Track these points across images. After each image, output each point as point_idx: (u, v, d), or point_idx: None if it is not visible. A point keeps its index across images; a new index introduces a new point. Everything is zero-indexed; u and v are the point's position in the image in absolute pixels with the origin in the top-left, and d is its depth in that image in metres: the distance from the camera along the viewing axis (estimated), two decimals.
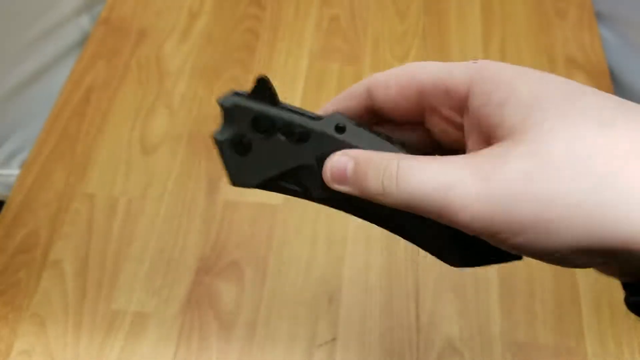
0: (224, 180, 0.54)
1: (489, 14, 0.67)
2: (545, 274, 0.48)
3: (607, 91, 0.15)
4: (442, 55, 0.63)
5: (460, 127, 0.18)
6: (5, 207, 0.53)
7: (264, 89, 0.18)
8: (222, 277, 0.49)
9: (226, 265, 0.49)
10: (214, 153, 0.62)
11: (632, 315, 0.17)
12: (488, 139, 0.16)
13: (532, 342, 0.45)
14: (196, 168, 0.55)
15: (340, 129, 0.18)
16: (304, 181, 0.19)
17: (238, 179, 0.19)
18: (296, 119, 0.18)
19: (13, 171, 0.58)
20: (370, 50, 0.64)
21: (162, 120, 0.59)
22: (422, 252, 0.19)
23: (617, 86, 0.62)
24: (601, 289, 0.48)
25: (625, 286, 0.17)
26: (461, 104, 0.17)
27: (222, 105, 0.18)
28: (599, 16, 0.67)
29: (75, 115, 0.59)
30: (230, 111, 0.18)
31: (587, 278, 0.48)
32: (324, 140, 0.18)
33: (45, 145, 0.57)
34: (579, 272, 0.49)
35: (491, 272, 0.48)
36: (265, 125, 0.18)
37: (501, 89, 0.15)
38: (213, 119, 0.58)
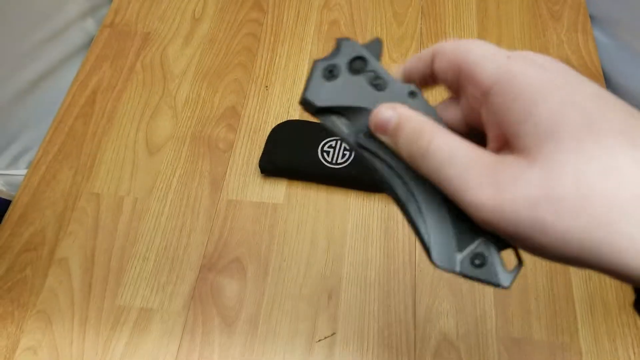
0: (227, 179, 0.55)
1: (485, 17, 0.68)
2: (540, 272, 0.49)
3: None
4: None
5: (479, 113, 0.19)
6: (12, 206, 0.54)
7: (375, 47, 0.22)
8: (224, 274, 0.49)
9: (229, 262, 0.50)
10: (217, 153, 0.63)
11: (626, 312, 0.18)
12: (504, 137, 0.17)
13: (527, 338, 0.46)
14: (199, 168, 0.56)
15: (412, 94, 0.20)
16: (356, 124, 0.21)
17: (311, 95, 0.21)
18: (384, 71, 0.21)
19: (20, 171, 0.59)
20: None
21: (166, 121, 0.59)
22: (419, 250, 0.19)
23: (611, 88, 0.63)
24: (595, 285, 0.48)
25: (636, 290, 0.18)
26: (483, 95, 0.18)
27: (337, 40, 0.22)
28: (593, 19, 0.67)
29: (81, 116, 0.60)
30: (341, 44, 0.22)
31: (580, 275, 0.49)
32: (394, 97, 0.20)
33: (51, 145, 0.58)
34: (572, 269, 0.49)
35: None
36: (360, 66, 0.21)
37: (521, 105, 0.16)
38: (216, 120, 0.59)
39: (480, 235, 0.18)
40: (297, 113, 0.59)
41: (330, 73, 0.21)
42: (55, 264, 0.50)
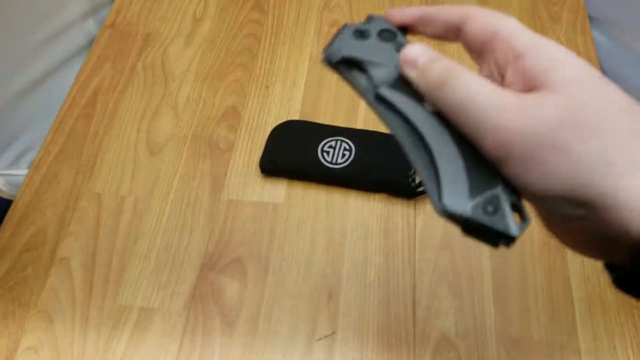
0: (227, 179, 0.56)
1: None
2: (539, 270, 0.49)
3: None
4: None
5: (499, 78, 0.21)
6: (13, 206, 0.54)
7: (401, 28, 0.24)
8: (225, 273, 0.50)
9: (229, 261, 0.50)
10: (218, 153, 0.63)
11: (624, 311, 0.18)
12: (529, 89, 0.19)
13: (526, 337, 0.46)
14: (200, 168, 0.56)
15: None
16: (376, 78, 0.22)
17: (337, 46, 0.22)
18: (405, 40, 0.23)
19: (21, 171, 0.59)
20: None
21: (167, 122, 0.60)
22: (418, 250, 0.20)
23: None
24: (593, 285, 0.48)
25: (606, 266, 0.19)
26: (515, 58, 0.20)
27: (369, 15, 0.24)
28: (592, 20, 0.67)
29: (82, 116, 0.60)
30: (372, 17, 0.24)
31: (579, 275, 0.49)
32: None
33: (53, 145, 0.58)
34: (571, 268, 0.49)
35: (485, 269, 0.49)
36: (389, 36, 0.23)
37: (550, 63, 0.19)
38: (216, 120, 0.60)
39: (493, 187, 0.19)
40: (297, 113, 0.60)
41: (361, 34, 0.23)
42: (57, 264, 0.50)
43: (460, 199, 0.18)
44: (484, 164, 0.19)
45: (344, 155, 0.53)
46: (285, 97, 0.61)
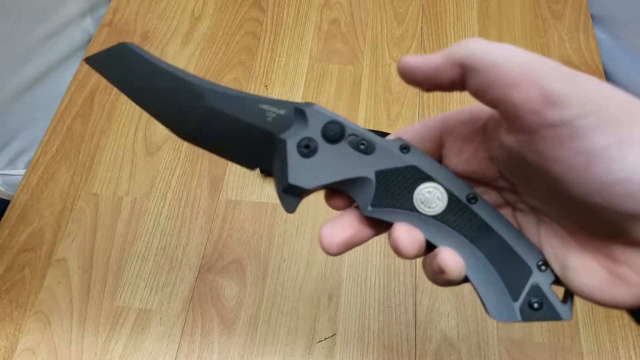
0: (226, 179, 0.55)
1: (486, 16, 0.68)
2: None
3: None
4: None
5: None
6: (10, 206, 0.54)
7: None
8: (224, 275, 0.49)
9: (228, 262, 0.50)
10: None
11: (626, 313, 0.17)
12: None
13: (528, 340, 0.45)
14: (199, 168, 0.56)
15: (404, 148, 0.19)
16: (356, 194, 0.19)
17: (294, 179, 0.19)
18: (364, 131, 0.19)
19: (19, 171, 0.59)
20: (369, 52, 0.64)
21: None
22: None
23: None
24: None
25: (630, 313, 0.17)
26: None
27: (296, 107, 0.19)
28: (594, 18, 0.67)
29: (79, 116, 0.60)
30: (306, 112, 0.19)
31: None
32: (387, 156, 0.18)
33: (50, 145, 0.58)
34: None
35: None
36: (335, 132, 0.19)
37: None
38: None
39: (528, 276, 0.18)
40: None
41: (307, 148, 0.19)
42: (54, 265, 0.50)
43: (505, 307, 0.18)
44: (509, 255, 0.18)
45: None
46: (284, 96, 0.60)
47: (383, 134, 0.20)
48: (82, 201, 0.54)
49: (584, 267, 0.16)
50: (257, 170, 0.55)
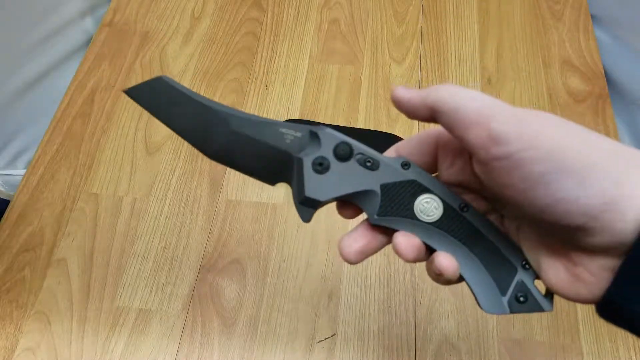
0: (226, 179, 0.55)
1: (486, 16, 0.68)
2: None
3: (602, 92, 0.17)
4: (440, 57, 0.64)
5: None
6: (10, 206, 0.54)
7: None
8: (224, 275, 0.49)
9: (228, 262, 0.50)
10: None
11: None
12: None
13: (528, 339, 0.45)
14: (199, 168, 0.56)
15: (405, 165, 0.22)
16: (364, 205, 0.22)
17: (310, 192, 0.21)
18: (370, 150, 0.22)
19: (19, 171, 0.59)
20: (370, 52, 0.64)
21: None
22: None
23: (612, 88, 0.63)
24: None
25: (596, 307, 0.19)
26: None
27: (311, 131, 0.22)
28: (594, 18, 0.67)
29: (79, 116, 0.60)
30: (318, 134, 0.22)
31: None
32: (390, 172, 0.21)
33: (50, 145, 0.58)
34: None
35: None
36: (345, 152, 0.22)
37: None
38: None
39: (514, 273, 0.20)
40: (297, 112, 0.59)
41: (321, 166, 0.22)
42: (54, 265, 0.50)
43: (495, 301, 0.20)
44: (497, 256, 0.21)
45: None
46: (284, 96, 0.60)
47: (383, 134, 0.21)
48: (82, 201, 0.54)
49: (552, 268, 0.19)
50: None
